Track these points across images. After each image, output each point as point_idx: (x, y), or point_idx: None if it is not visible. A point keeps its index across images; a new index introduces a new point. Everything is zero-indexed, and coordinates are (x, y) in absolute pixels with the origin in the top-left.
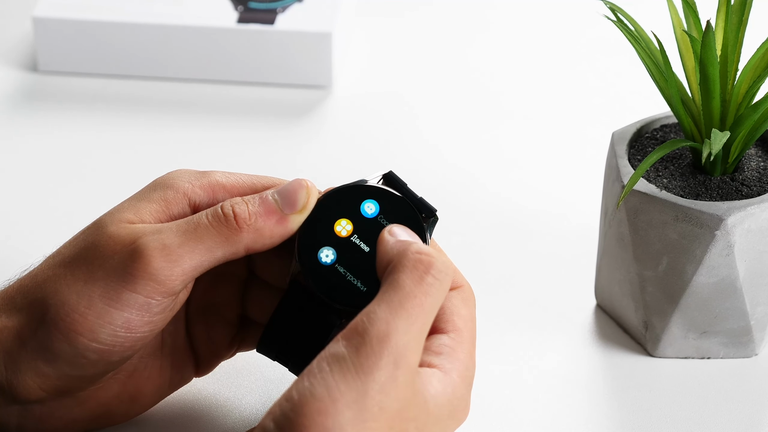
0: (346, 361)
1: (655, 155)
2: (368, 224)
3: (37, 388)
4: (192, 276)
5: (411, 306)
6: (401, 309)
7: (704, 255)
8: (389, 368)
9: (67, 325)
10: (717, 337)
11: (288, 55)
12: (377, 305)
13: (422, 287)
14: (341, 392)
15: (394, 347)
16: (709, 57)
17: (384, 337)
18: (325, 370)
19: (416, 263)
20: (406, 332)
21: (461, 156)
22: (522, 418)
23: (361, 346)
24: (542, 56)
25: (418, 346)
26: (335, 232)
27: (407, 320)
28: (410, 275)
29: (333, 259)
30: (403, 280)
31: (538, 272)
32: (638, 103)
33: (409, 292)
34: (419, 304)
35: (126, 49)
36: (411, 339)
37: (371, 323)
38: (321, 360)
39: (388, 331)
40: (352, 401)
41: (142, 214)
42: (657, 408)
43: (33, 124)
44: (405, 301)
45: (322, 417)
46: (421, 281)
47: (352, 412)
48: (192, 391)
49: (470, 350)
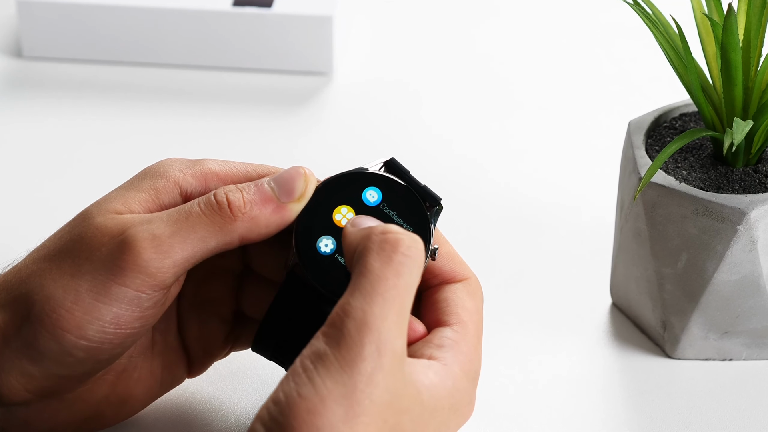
0: (329, 357)
1: (674, 146)
2: (370, 213)
3: (21, 389)
4: (184, 268)
5: (384, 289)
6: (375, 294)
7: (726, 251)
8: (373, 357)
9: (53, 321)
10: (739, 337)
11: (286, 40)
12: (350, 295)
13: (392, 267)
14: (328, 389)
15: (375, 334)
16: (730, 42)
17: (362, 326)
18: (309, 369)
19: (382, 243)
20: (385, 317)
21: (469, 146)
22: (532, 423)
23: (341, 339)
24: (555, 41)
25: (399, 329)
26: (335, 221)
27: (383, 305)
28: (377, 257)
29: (333, 249)
30: (371, 264)
31: (550, 269)
32: (656, 90)
33: (379, 274)
34: (393, 286)
35: (116, 34)
36: (391, 323)
37: (347, 315)
38: (303, 359)
39: (365, 319)
40: (340, 397)
41: (131, 204)
42: (676, 413)
43: (17, 112)
44: (377, 285)
45: (312, 416)
46: (390, 261)
47: (342, 408)
48: (185, 394)
49: (475, 344)
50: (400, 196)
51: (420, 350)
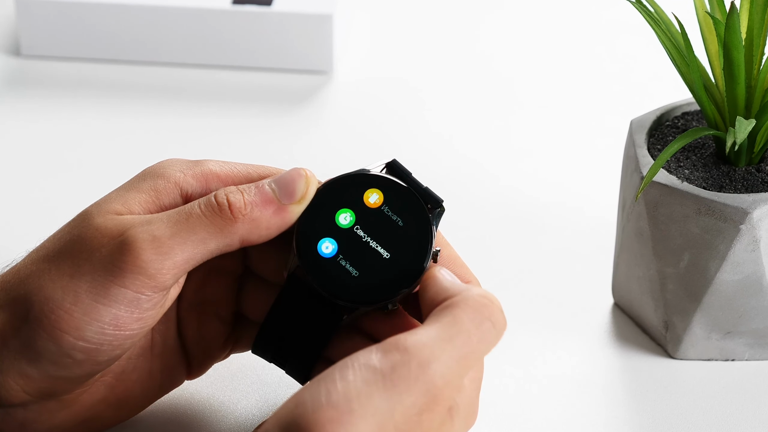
0: (377, 374)
1: (676, 145)
2: (372, 215)
3: (19, 391)
4: (184, 269)
5: (463, 344)
6: (452, 344)
7: (728, 250)
8: (419, 396)
9: (51, 322)
10: (742, 337)
11: (286, 39)
12: (427, 330)
13: (480, 332)
14: (361, 404)
15: (432, 377)
16: (733, 40)
17: (426, 363)
18: (347, 379)
19: (480, 306)
20: (450, 368)
21: (470, 145)
22: (534, 423)
23: (399, 364)
24: (557, 39)
25: (456, 388)
26: (336, 223)
27: (455, 357)
28: (471, 315)
29: (334, 251)
30: (461, 318)
31: (552, 269)
32: (658, 89)
33: (466, 330)
34: (473, 348)
35: (114, 32)
36: (453, 377)
37: (415, 345)
38: (345, 367)
39: (431, 359)
40: (370, 415)
41: (131, 205)
42: (678, 413)
43: (15, 111)
44: (457, 338)
45: (333, 426)
46: (480, 325)
47: (367, 426)
48: (184, 395)
49: None
50: (402, 197)
51: None
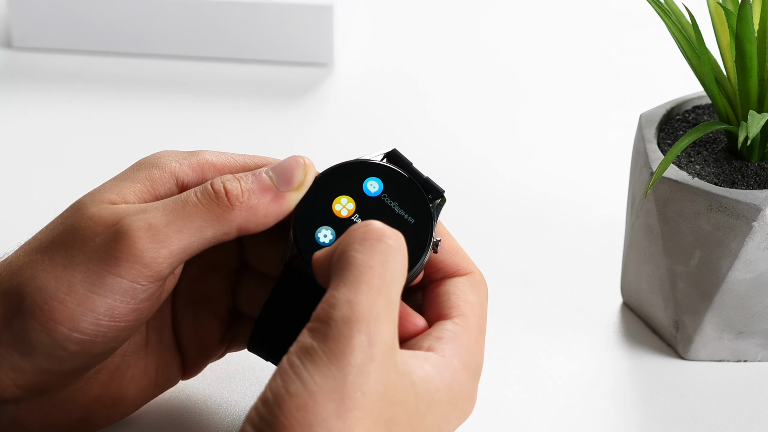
0: (316, 351)
1: (687, 139)
2: (371, 203)
3: (12, 385)
4: (180, 258)
5: (369, 278)
6: (360, 284)
7: (740, 248)
8: (363, 348)
9: (45, 313)
10: (754, 338)
11: (285, 30)
12: (335, 289)
13: (377, 256)
14: (317, 384)
15: (364, 325)
16: (745, 32)
17: (349, 318)
18: (296, 365)
19: (364, 234)
20: (372, 307)
21: (474, 140)
22: (540, 426)
23: (328, 332)
24: (563, 30)
25: (389, 319)
26: (335, 211)
27: (369, 294)
28: (360, 248)
29: (332, 240)
30: (353, 256)
31: (559, 267)
32: (668, 82)
33: (363, 265)
34: (378, 274)
35: (108, 24)
36: (379, 312)
37: (332, 307)
38: (290, 355)
39: (353, 310)
40: (331, 391)
41: (126, 195)
42: (688, 416)
43: (7, 104)
44: (361, 276)
45: (302, 413)
46: (374, 250)
47: (333, 403)
48: (181, 396)
49: (477, 337)
50: (402, 187)
51: (419, 342)
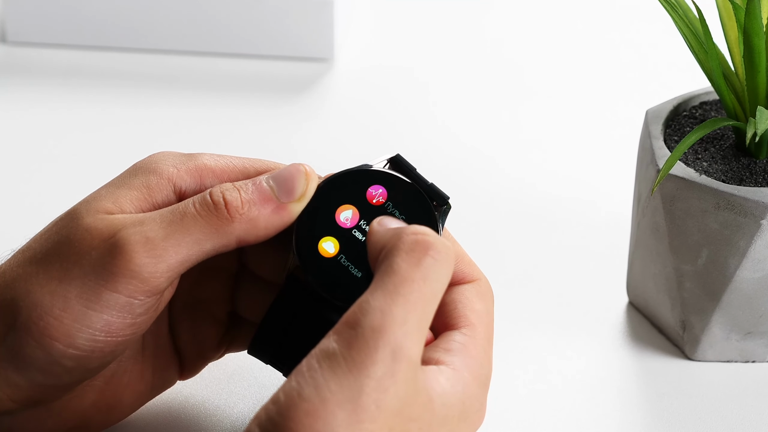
0: (337, 357)
1: (694, 136)
2: (375, 213)
3: (6, 399)
4: (178, 272)
5: (408, 292)
6: (397, 296)
7: (749, 247)
8: (386, 362)
9: (40, 329)
10: (763, 338)
11: (285, 24)
12: (370, 294)
13: (420, 270)
14: (332, 391)
15: (391, 338)
16: (754, 26)
17: (379, 328)
18: (314, 368)
19: (413, 245)
20: (404, 321)
21: (478, 137)
22: (545, 427)
23: (354, 339)
24: (568, 25)
25: (418, 336)
26: (337, 222)
27: (404, 308)
28: (406, 258)
29: (335, 251)
30: (398, 264)
31: (564, 266)
32: (675, 77)
33: (405, 276)
34: (417, 289)
35: (104, 18)
36: (410, 329)
37: (364, 314)
38: (311, 358)
39: (384, 321)
40: (344, 400)
41: (122, 203)
42: (696, 417)
43: (1, 99)
44: (401, 287)
45: (310, 419)
46: (419, 264)
47: (344, 412)
48: (178, 397)
49: (485, 348)
50: (407, 194)
51: (428, 355)
